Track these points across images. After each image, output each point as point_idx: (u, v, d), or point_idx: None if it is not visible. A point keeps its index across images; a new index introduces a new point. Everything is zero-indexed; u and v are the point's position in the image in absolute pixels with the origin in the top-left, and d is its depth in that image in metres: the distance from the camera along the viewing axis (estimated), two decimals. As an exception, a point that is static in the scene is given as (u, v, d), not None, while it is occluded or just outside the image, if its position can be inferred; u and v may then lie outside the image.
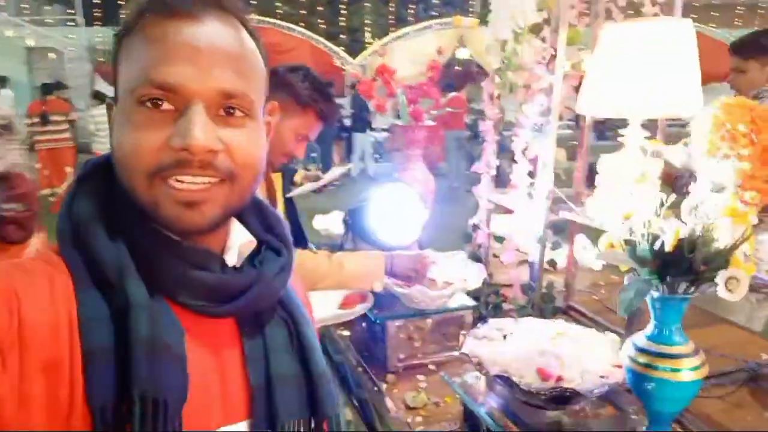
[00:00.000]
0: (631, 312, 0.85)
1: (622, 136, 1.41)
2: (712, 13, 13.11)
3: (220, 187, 0.58)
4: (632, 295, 0.89)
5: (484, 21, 1.70)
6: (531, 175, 1.61)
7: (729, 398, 1.30)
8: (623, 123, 1.36)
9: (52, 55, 11.23)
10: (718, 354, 1.41)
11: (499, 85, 1.68)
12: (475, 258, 1.86)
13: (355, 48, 10.51)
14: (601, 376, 1.07)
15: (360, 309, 1.56)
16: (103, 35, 10.74)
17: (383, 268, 1.55)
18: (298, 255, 1.41)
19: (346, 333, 1.76)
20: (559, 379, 1.06)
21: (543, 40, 1.54)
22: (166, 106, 0.55)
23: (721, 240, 0.83)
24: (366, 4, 11.88)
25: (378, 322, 1.55)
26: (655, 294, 0.93)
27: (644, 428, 1.02)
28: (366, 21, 11.49)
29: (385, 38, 9.75)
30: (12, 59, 10.45)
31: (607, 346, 1.16)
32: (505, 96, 1.65)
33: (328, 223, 2.08)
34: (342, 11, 11.47)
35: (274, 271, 0.64)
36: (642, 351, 0.95)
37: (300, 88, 1.45)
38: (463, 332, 1.32)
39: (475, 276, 1.62)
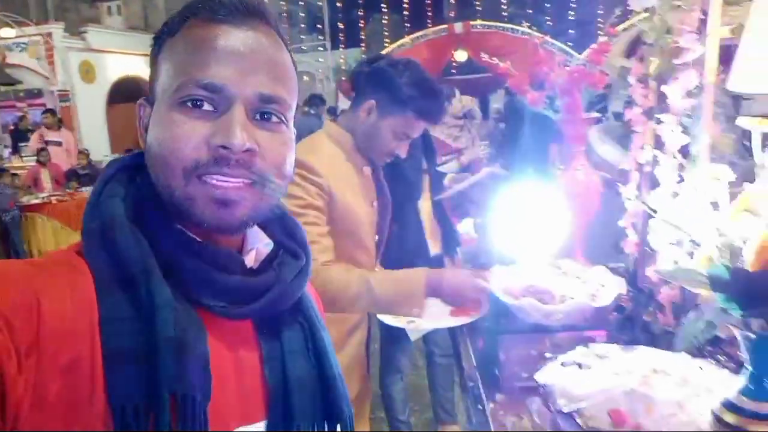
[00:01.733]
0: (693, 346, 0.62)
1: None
2: None
3: (251, 189, 0.59)
4: (700, 328, 0.65)
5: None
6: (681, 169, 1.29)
7: None
8: None
9: (306, 78, 12.94)
10: None
11: (649, 64, 1.39)
12: (627, 272, 1.57)
13: (584, 43, 9.84)
14: (701, 433, 0.81)
15: (470, 318, 1.45)
16: (345, 56, 11.96)
17: (422, 292, 1.38)
18: (326, 272, 1.36)
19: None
20: (638, 426, 0.83)
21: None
22: (206, 107, 0.58)
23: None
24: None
25: (487, 334, 1.41)
26: (752, 334, 0.66)
27: None
28: (599, 12, 10.63)
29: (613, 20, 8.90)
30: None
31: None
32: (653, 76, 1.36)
33: (467, 226, 1.98)
34: (572, 4, 10.83)
35: (292, 274, 0.65)
36: (731, 408, 0.69)
37: (398, 84, 1.40)
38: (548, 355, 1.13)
39: (606, 292, 1.37)
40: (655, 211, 1.12)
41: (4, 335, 0.48)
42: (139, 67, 12.24)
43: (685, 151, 1.27)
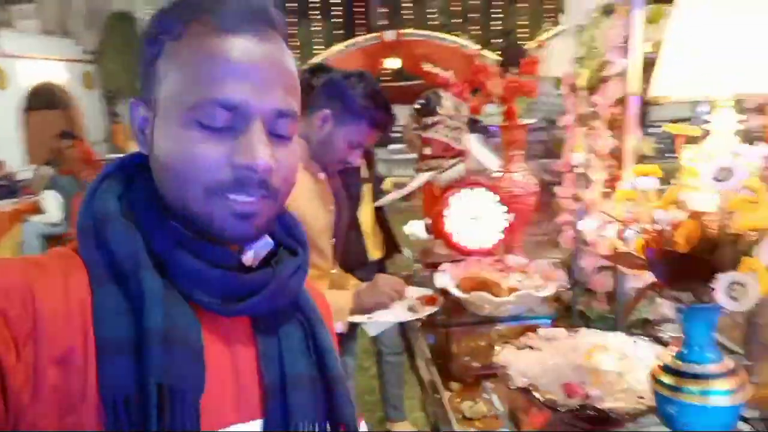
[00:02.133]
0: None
1: (708, 122, 1.20)
2: None
3: (266, 201, 0.59)
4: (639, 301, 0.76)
5: (560, 8, 1.58)
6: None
7: None
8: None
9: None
10: None
11: (578, 75, 1.54)
12: (566, 265, 1.71)
13: (509, 52, 10.29)
14: (640, 397, 0.93)
15: (426, 312, 1.54)
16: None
17: (348, 308, 1.49)
18: None
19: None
20: (587, 397, 0.94)
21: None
22: (222, 124, 0.57)
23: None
24: (523, 5, 11.56)
25: (442, 327, 1.51)
26: (682, 305, 0.78)
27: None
28: (522, 23, 11.17)
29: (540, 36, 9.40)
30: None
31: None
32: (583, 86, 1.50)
33: (417, 228, 2.07)
34: (496, 15, 11.31)
35: (290, 271, 0.64)
36: (667, 370, 0.81)
37: (352, 95, 1.47)
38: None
39: (548, 284, 1.50)
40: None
41: (0, 326, 0.48)
42: (55, 73, 11.66)
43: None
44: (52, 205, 5.44)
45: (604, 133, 1.41)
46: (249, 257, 0.64)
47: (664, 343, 1.18)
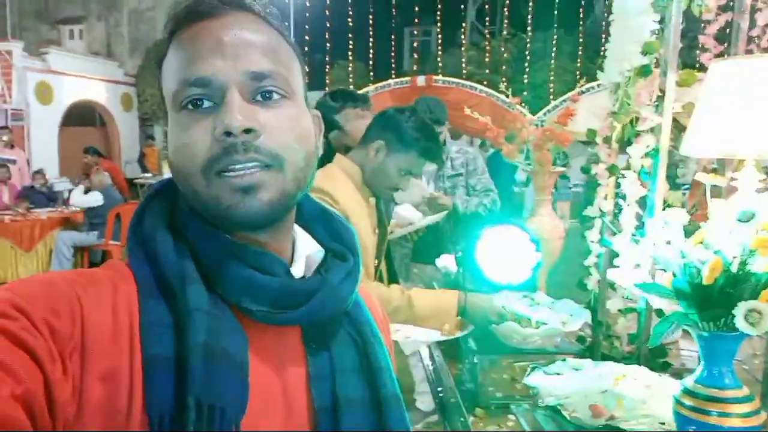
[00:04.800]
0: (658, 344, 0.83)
1: (735, 179, 1.31)
2: None
3: (270, 172, 0.57)
4: (667, 327, 0.86)
5: (600, 67, 1.72)
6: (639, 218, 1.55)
7: None
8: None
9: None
10: None
11: (612, 128, 1.66)
12: (590, 307, 1.80)
13: (538, 105, 10.51)
14: (661, 423, 1.01)
15: (457, 335, 1.63)
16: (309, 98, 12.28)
17: (456, 309, 1.60)
18: (367, 284, 1.55)
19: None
20: (612, 417, 1.03)
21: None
22: (206, 103, 0.57)
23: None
24: (552, 61, 11.88)
25: (469, 353, 1.59)
26: (705, 333, 0.88)
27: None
28: (550, 77, 11.47)
29: (568, 93, 9.62)
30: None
31: (682, 394, 1.08)
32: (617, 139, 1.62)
33: (449, 260, 2.18)
34: (526, 68, 11.64)
35: (340, 277, 0.62)
36: (688, 393, 0.90)
37: (404, 127, 1.62)
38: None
39: (574, 320, 1.59)
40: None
41: (47, 339, 0.48)
42: (96, 92, 12.15)
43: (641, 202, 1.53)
44: (92, 198, 5.70)
45: (635, 182, 1.52)
46: (299, 268, 0.63)
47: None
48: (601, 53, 1.72)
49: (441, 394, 1.67)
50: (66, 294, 0.52)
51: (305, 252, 0.65)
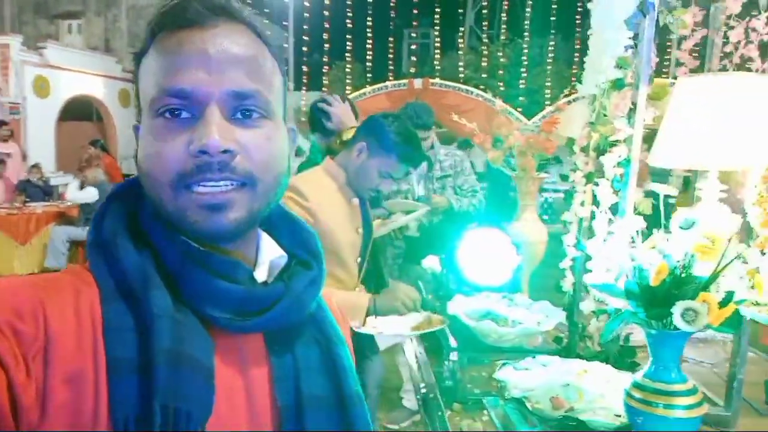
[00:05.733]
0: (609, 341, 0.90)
1: (700, 189, 1.39)
2: None
3: (241, 191, 0.57)
4: (617, 324, 0.93)
5: (579, 79, 1.79)
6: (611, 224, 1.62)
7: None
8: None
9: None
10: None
11: (590, 138, 1.74)
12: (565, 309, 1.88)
13: (533, 110, 10.60)
14: (617, 415, 1.08)
15: (432, 329, 1.70)
16: (306, 98, 12.35)
17: (364, 310, 1.67)
18: None
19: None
20: (571, 409, 1.10)
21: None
22: (184, 114, 0.56)
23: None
24: (548, 67, 11.98)
25: (447, 349, 1.66)
26: (653, 330, 0.95)
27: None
28: (546, 83, 11.55)
29: (562, 99, 9.73)
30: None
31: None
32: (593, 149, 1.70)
33: (435, 261, 2.25)
34: (523, 73, 11.73)
35: (303, 285, 0.63)
36: (638, 387, 0.97)
37: (386, 131, 1.70)
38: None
39: (549, 320, 1.66)
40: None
41: (10, 342, 0.48)
42: (94, 87, 12.17)
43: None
44: (87, 194, 5.75)
45: (608, 190, 1.60)
46: (262, 273, 0.64)
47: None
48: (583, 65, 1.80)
49: (423, 391, 1.75)
50: (29, 297, 0.52)
51: (269, 257, 0.65)
